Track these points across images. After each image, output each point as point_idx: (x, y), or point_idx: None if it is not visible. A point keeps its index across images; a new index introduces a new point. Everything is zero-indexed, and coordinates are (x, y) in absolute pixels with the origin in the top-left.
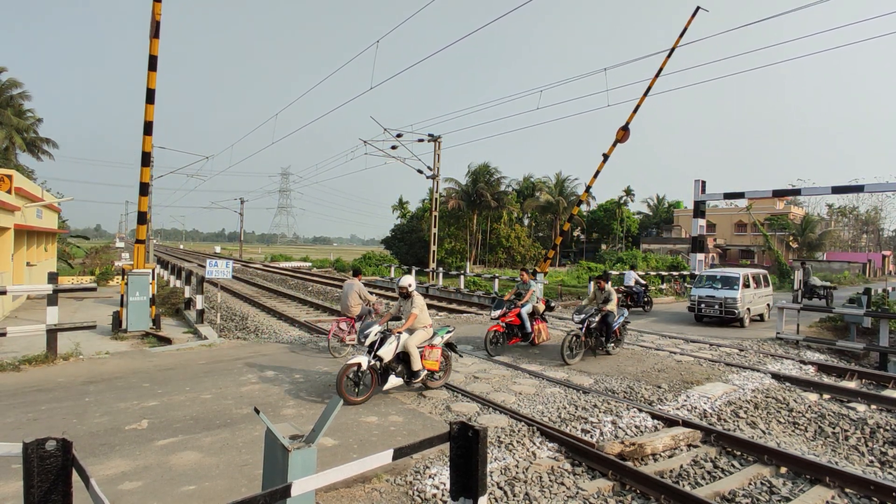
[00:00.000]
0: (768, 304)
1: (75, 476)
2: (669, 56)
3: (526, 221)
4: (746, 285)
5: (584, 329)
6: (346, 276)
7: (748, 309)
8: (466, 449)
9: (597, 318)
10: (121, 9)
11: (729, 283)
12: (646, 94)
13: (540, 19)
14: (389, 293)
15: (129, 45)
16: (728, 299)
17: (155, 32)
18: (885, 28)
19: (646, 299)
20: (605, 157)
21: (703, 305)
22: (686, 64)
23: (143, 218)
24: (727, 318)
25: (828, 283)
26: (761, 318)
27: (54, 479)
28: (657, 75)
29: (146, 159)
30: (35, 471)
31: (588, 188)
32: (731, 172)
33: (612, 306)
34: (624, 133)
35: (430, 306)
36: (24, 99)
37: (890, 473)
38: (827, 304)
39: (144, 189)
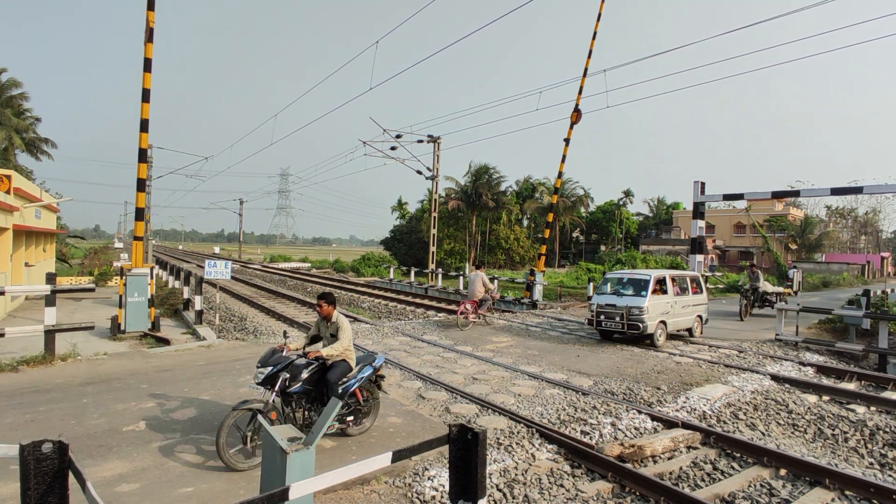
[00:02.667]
0: (700, 316)
1: (72, 478)
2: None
3: (525, 222)
4: (662, 290)
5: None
6: (347, 276)
7: (663, 322)
8: (466, 451)
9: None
10: (120, 11)
11: (637, 287)
12: (584, 75)
13: (540, 20)
14: (388, 294)
15: (128, 46)
16: (631, 309)
17: (149, 37)
18: (886, 29)
19: None
20: (566, 140)
21: (602, 317)
22: (686, 65)
23: (140, 215)
24: (630, 333)
25: (781, 290)
26: (690, 332)
27: (51, 481)
28: (588, 56)
29: (143, 156)
30: (32, 473)
31: (560, 173)
32: (731, 174)
33: (331, 350)
34: (577, 115)
35: (429, 307)
36: (23, 99)
37: (890, 475)
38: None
39: (142, 186)
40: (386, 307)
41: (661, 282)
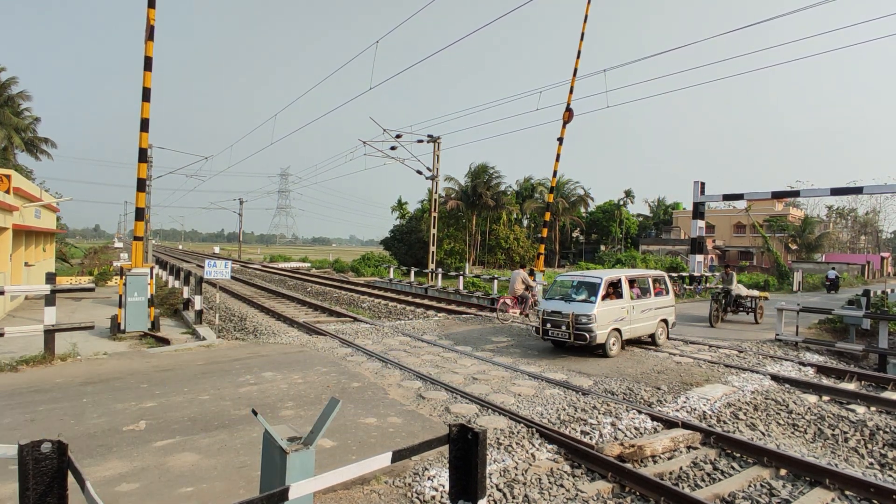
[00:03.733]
0: (665, 321)
1: (71, 478)
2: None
3: (525, 223)
4: (617, 294)
5: None
6: (347, 276)
7: (617, 330)
8: (466, 451)
9: None
10: (120, 9)
11: (588, 291)
12: (574, 75)
13: (540, 20)
14: (388, 294)
15: (127, 45)
16: (579, 316)
17: (149, 36)
18: (887, 30)
19: None
20: (560, 140)
21: (548, 325)
22: (686, 65)
23: (140, 214)
24: (577, 343)
25: (756, 293)
26: (653, 339)
27: (50, 481)
28: (577, 56)
29: (143, 156)
30: (30, 473)
31: (554, 172)
32: (731, 174)
33: None
34: (569, 114)
35: (428, 307)
36: (23, 99)
37: (890, 475)
38: (755, 319)
39: (142, 185)
40: (386, 307)
41: (614, 285)
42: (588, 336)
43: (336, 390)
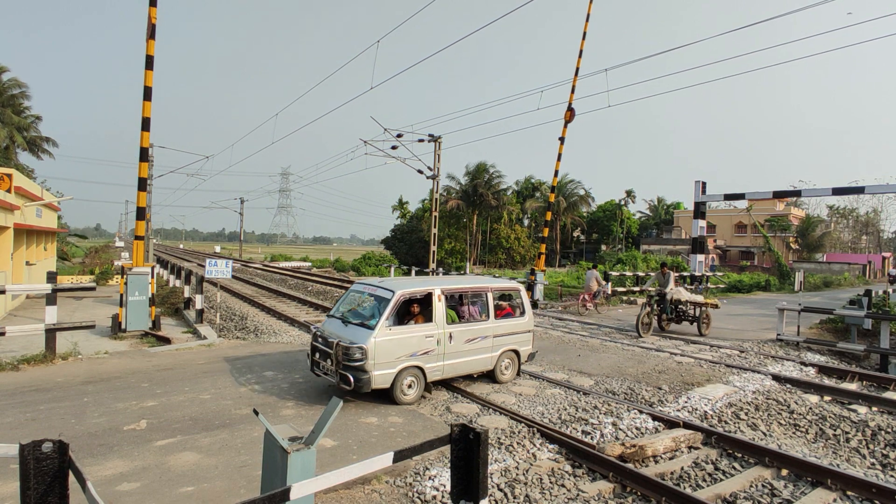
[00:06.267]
0: (515, 352)
1: (72, 478)
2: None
3: (526, 222)
4: (424, 317)
5: None
6: (348, 275)
7: (416, 369)
8: (467, 451)
9: None
10: (121, 9)
11: (372, 310)
12: (576, 74)
13: (542, 19)
14: None
15: (128, 44)
16: (348, 348)
17: (151, 34)
18: (889, 29)
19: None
20: (561, 139)
21: (317, 354)
22: (689, 64)
23: (141, 214)
24: (342, 386)
25: (700, 299)
26: (493, 377)
27: (51, 481)
28: (580, 55)
29: (144, 155)
30: (31, 473)
31: (556, 171)
32: (732, 174)
33: None
34: (570, 113)
35: None
36: (24, 98)
37: (892, 476)
38: (699, 330)
39: (143, 185)
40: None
41: (418, 302)
42: (357, 378)
43: (337, 390)
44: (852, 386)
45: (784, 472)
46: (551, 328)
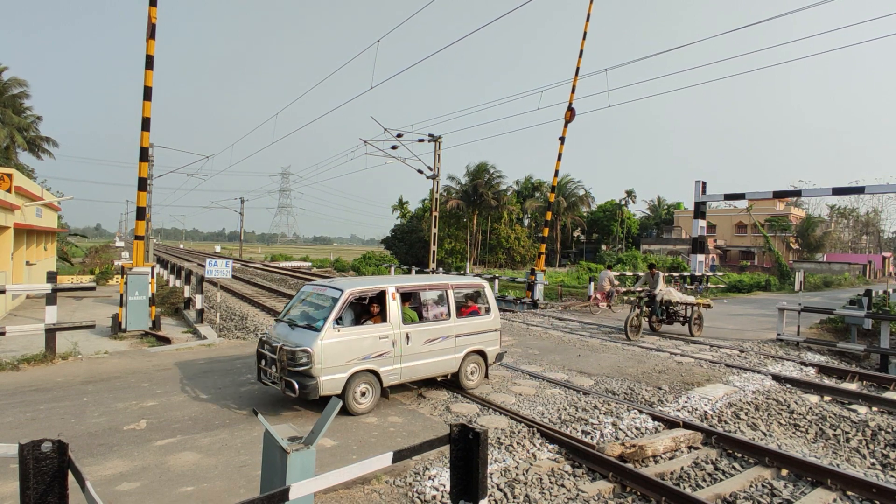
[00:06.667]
0: (481, 353)
1: (72, 478)
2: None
3: (526, 222)
4: (381, 316)
5: None
6: (348, 275)
7: (370, 373)
8: (467, 451)
9: None
10: (121, 9)
11: (319, 311)
12: (576, 74)
13: (540, 19)
14: None
15: (128, 44)
16: (294, 353)
17: (151, 34)
18: (889, 29)
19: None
20: (562, 139)
21: (263, 361)
22: (689, 64)
23: (141, 214)
24: (287, 393)
25: (691, 300)
26: (457, 381)
27: (50, 480)
28: (580, 56)
29: (144, 155)
30: (31, 472)
31: (556, 171)
32: (732, 174)
33: None
34: (570, 113)
35: None
36: (25, 97)
37: (892, 476)
38: (689, 331)
39: (143, 185)
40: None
41: (371, 302)
42: (302, 384)
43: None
44: (852, 386)
45: (784, 472)
46: (551, 328)
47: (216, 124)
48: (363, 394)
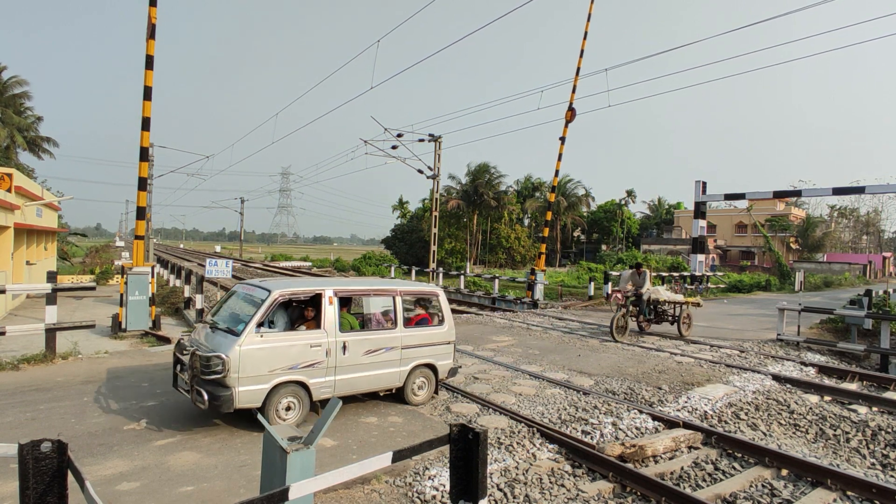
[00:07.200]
0: (431, 367)
1: (71, 478)
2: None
3: (526, 222)
4: (315, 322)
5: None
6: (348, 275)
7: (298, 384)
8: (466, 451)
9: None
10: (121, 9)
11: (243, 313)
12: (577, 74)
13: (541, 19)
14: None
15: (128, 44)
16: (210, 359)
17: (151, 34)
18: (889, 29)
19: None
20: (562, 139)
21: (179, 366)
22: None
23: (141, 213)
24: (197, 404)
25: (680, 298)
26: (402, 396)
27: (50, 480)
28: (581, 56)
29: (144, 154)
30: (30, 472)
31: (556, 171)
32: (732, 174)
33: None
34: (571, 113)
35: None
36: (25, 97)
37: (892, 476)
38: (678, 331)
39: (143, 184)
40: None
41: (305, 306)
42: (214, 394)
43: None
44: (852, 386)
45: (784, 472)
46: (551, 328)
47: (216, 124)
48: (288, 408)
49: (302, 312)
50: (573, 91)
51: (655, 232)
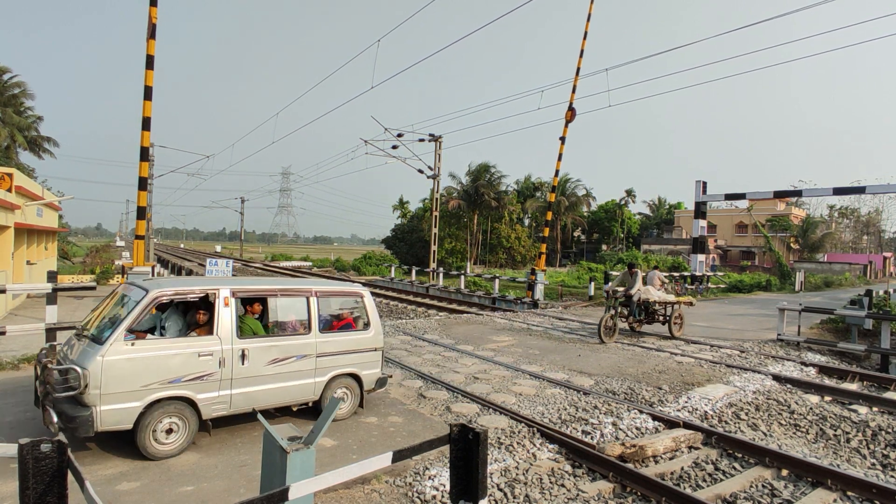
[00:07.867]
0: (356, 377)
1: (71, 477)
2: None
3: (527, 222)
4: (206, 328)
5: None
6: (349, 275)
7: (184, 401)
8: (467, 451)
9: None
10: (121, 9)
11: (117, 316)
12: (577, 74)
13: (541, 19)
14: (389, 293)
15: (128, 44)
16: (68, 371)
17: (151, 34)
18: (889, 29)
19: None
20: (562, 139)
21: (39, 381)
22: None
23: (142, 213)
24: (48, 425)
25: (672, 298)
26: (317, 409)
27: (49, 480)
28: (581, 55)
29: (144, 154)
30: (30, 472)
31: (557, 171)
32: (732, 174)
33: None
34: (571, 113)
35: (430, 306)
36: (26, 97)
37: (892, 476)
38: (669, 331)
39: (143, 184)
40: (387, 306)
41: (196, 309)
42: (69, 415)
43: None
44: (853, 386)
45: (784, 472)
46: (551, 328)
47: (216, 124)
48: (170, 430)
49: (194, 318)
50: (573, 91)
51: (656, 232)
